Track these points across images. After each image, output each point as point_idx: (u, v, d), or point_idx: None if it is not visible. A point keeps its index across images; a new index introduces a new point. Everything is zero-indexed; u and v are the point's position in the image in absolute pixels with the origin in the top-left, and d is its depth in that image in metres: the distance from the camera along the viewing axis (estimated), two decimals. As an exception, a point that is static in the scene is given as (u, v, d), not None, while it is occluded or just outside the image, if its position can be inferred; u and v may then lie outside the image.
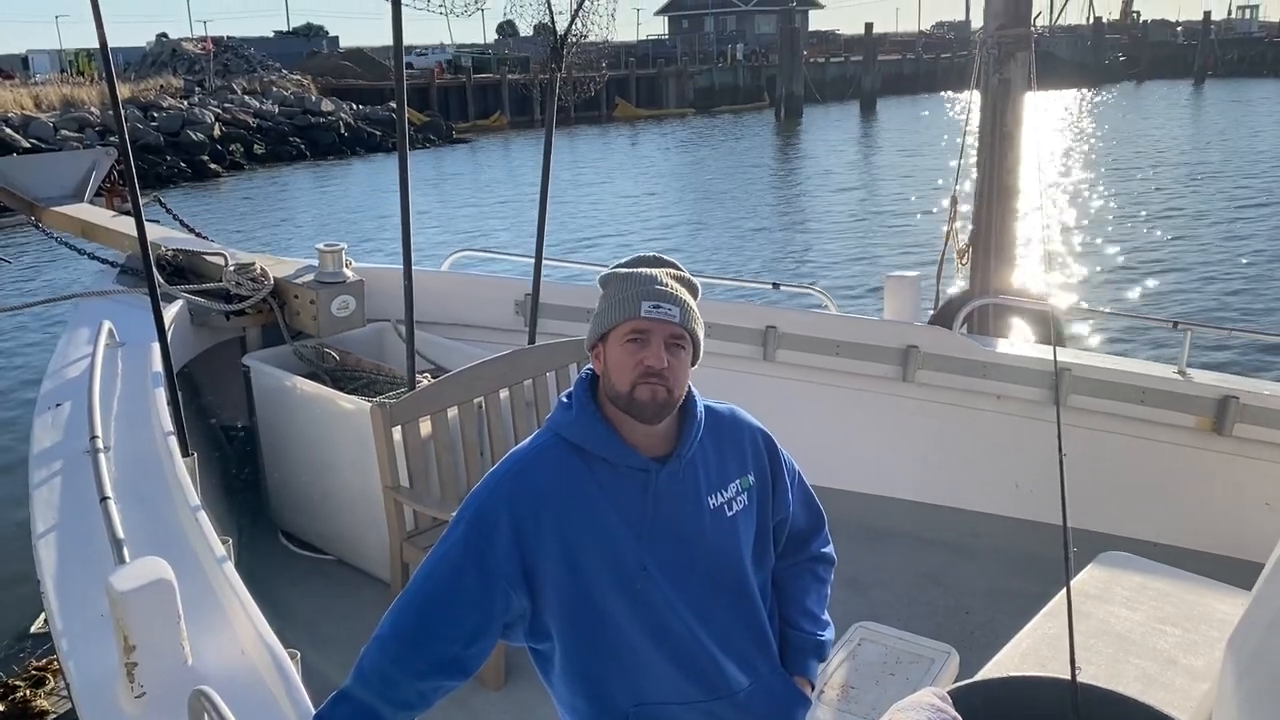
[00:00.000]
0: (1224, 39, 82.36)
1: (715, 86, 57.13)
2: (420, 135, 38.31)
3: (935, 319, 5.07)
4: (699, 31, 74.27)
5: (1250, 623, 2.23)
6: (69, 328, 4.12)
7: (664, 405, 1.79)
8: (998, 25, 5.07)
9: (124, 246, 5.35)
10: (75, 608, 2.21)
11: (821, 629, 2.07)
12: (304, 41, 61.30)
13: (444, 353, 4.94)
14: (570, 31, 4.22)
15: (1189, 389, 4.24)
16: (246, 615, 2.13)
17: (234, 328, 4.96)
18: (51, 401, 3.31)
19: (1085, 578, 3.26)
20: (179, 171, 29.85)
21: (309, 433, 4.46)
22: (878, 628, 3.18)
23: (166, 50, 45.53)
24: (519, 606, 1.82)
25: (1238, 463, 4.19)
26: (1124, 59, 78.80)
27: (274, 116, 36.60)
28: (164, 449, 2.95)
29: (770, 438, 2.02)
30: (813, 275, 15.61)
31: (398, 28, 3.72)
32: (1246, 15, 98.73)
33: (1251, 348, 10.51)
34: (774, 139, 41.88)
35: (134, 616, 1.85)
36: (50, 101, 32.36)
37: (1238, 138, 36.05)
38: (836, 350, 4.84)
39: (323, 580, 4.42)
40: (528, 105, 47.13)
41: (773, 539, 2.02)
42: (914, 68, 68.29)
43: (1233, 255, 16.70)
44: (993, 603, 4.15)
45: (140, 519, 2.54)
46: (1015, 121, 5.18)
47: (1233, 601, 3.01)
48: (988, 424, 4.66)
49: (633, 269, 1.87)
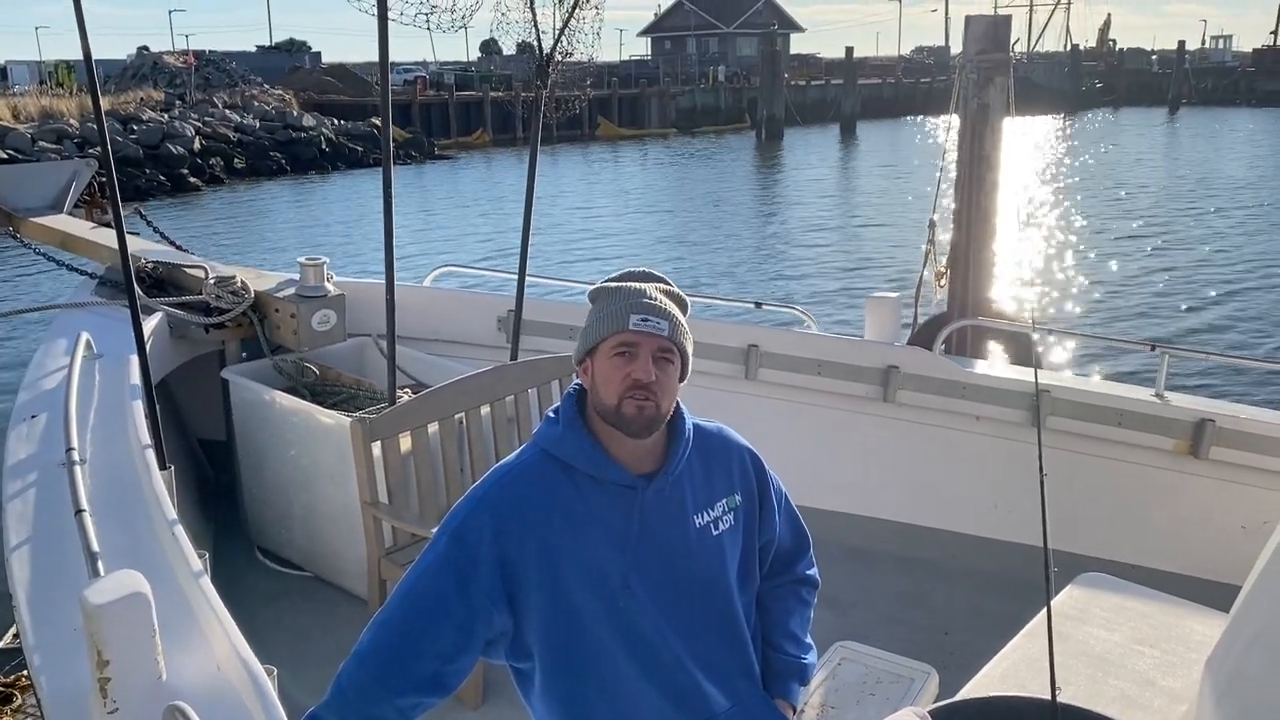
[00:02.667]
0: (1198, 68, 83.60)
1: (697, 107, 57.45)
2: (402, 151, 38.27)
3: (915, 339, 5.09)
4: (681, 53, 74.68)
5: (1228, 644, 2.25)
6: (46, 339, 4.08)
7: (651, 420, 1.78)
8: (977, 50, 5.14)
9: (103, 258, 5.30)
10: (47, 622, 2.18)
11: (804, 652, 2.07)
12: (286, 56, 61.17)
13: (425, 368, 4.91)
14: (556, 50, 4.23)
15: (1166, 412, 4.27)
16: (223, 631, 2.10)
17: (213, 341, 4.92)
18: (27, 413, 3.27)
19: (1064, 599, 3.27)
20: (158, 184, 29.69)
21: (288, 447, 4.42)
22: (858, 647, 3.18)
23: (147, 63, 45.31)
24: (501, 624, 1.81)
25: (1214, 486, 4.22)
26: (1100, 86, 79.89)
27: (255, 131, 36.49)
28: (141, 462, 2.91)
29: (758, 458, 2.02)
30: (794, 294, 15.68)
31: (384, 42, 3.73)
32: (1220, 45, 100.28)
33: (1228, 371, 10.63)
34: (755, 160, 42.13)
35: (108, 631, 1.82)
36: (29, 113, 32.13)
37: (1212, 164, 36.55)
38: (818, 370, 4.86)
39: (299, 597, 4.38)
40: (510, 123, 47.21)
41: (758, 560, 2.02)
42: (894, 91, 68.99)
43: (1209, 280, 16.91)
44: (972, 623, 4.15)
45: (116, 532, 2.51)
46: (993, 145, 5.24)
47: (1210, 623, 3.03)
48: (968, 444, 4.68)
49: (622, 283, 1.86)
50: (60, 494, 2.58)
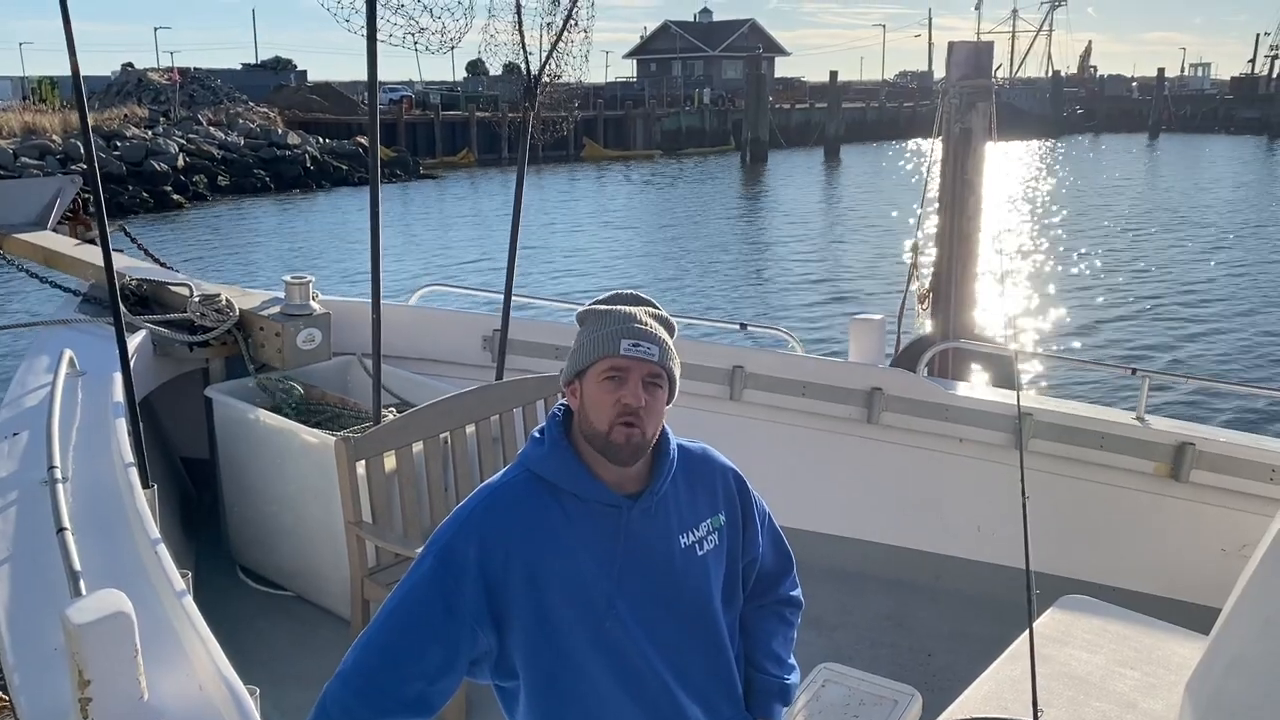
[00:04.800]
0: (1178, 95, 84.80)
1: (682, 129, 57.78)
2: (387, 170, 38.29)
3: (898, 361, 5.11)
4: (667, 75, 75.18)
5: (1208, 666, 2.27)
6: (29, 356, 4.05)
7: (639, 447, 1.79)
8: (960, 76, 5.18)
9: (87, 275, 5.28)
10: (28, 641, 2.16)
11: (787, 673, 2.07)
12: (272, 75, 61.14)
13: (410, 387, 4.91)
14: (544, 71, 4.26)
15: (1147, 435, 4.30)
16: (205, 650, 2.09)
17: (197, 359, 4.90)
18: (9, 430, 3.25)
19: (1046, 621, 3.28)
20: (141, 201, 29.64)
21: (271, 466, 4.40)
22: (841, 669, 3.18)
23: (132, 80, 45.24)
24: (486, 644, 1.80)
25: (1194, 508, 4.25)
26: (1082, 112, 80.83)
27: (239, 148, 36.47)
28: (124, 480, 2.90)
29: (741, 478, 2.03)
30: (778, 316, 15.75)
31: (372, 63, 3.74)
32: (1199, 73, 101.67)
33: (1207, 394, 10.72)
34: (740, 182, 42.37)
35: (90, 650, 1.81)
36: (11, 128, 32.03)
37: (1192, 190, 36.96)
38: (803, 391, 4.87)
39: (282, 616, 4.35)
40: (496, 143, 47.35)
41: (742, 580, 2.02)
42: (877, 115, 69.62)
43: (1189, 304, 17.07)
44: (956, 645, 4.16)
45: (98, 551, 2.49)
46: (976, 170, 5.27)
47: (1191, 645, 3.05)
48: (951, 467, 4.70)
49: (611, 306, 1.87)
50: (42, 512, 2.56)
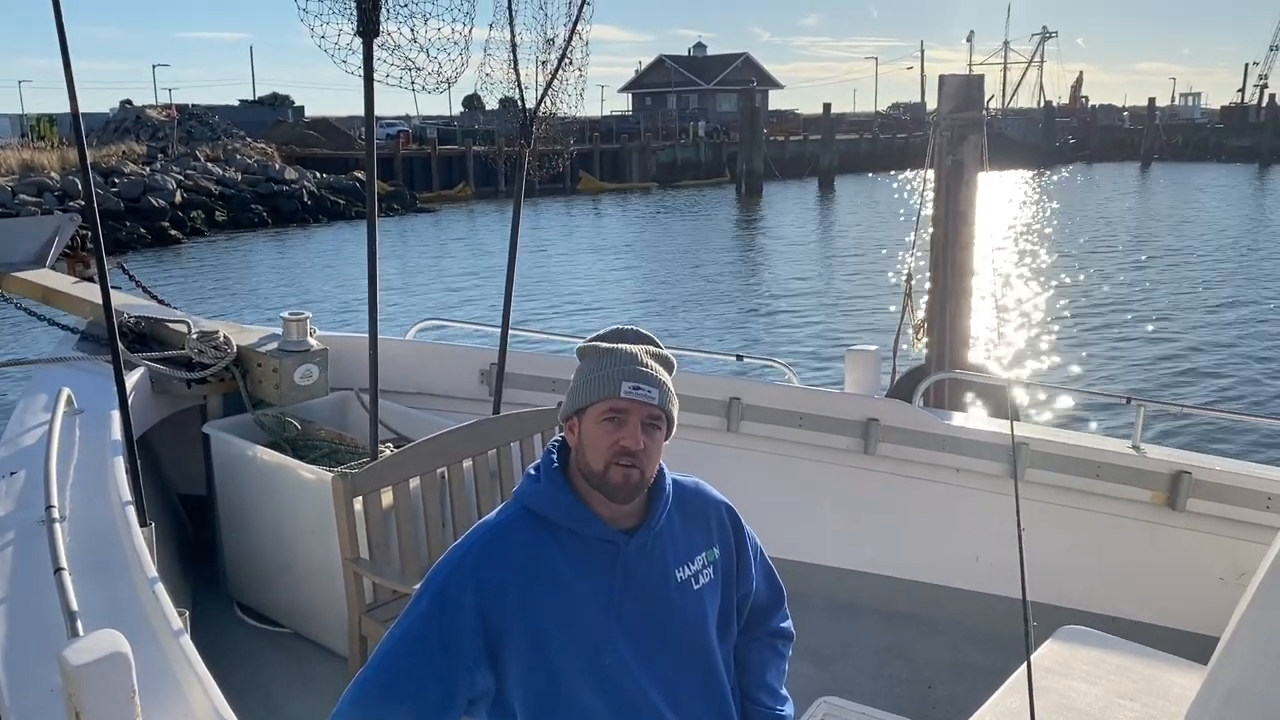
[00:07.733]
0: (1169, 124, 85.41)
1: (677, 162, 58.10)
2: (385, 204, 38.45)
3: (894, 392, 5.13)
4: (662, 108, 75.78)
5: (1207, 696, 2.26)
6: (27, 394, 4.05)
7: (636, 487, 1.80)
8: (951, 108, 5.24)
9: (85, 313, 5.29)
10: (24, 683, 2.15)
11: (781, 704, 2.08)
12: (269, 110, 61.61)
13: (408, 422, 4.91)
14: (540, 107, 4.30)
15: (1143, 464, 4.30)
16: (203, 690, 2.08)
17: (195, 395, 4.90)
18: (6, 469, 3.25)
19: (1045, 652, 3.27)
20: (139, 237, 29.72)
21: (269, 503, 4.39)
22: (841, 702, 3.17)
23: (130, 116, 45.50)
24: (484, 683, 1.80)
25: (1191, 537, 4.24)
26: (1074, 142, 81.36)
27: (236, 184, 36.62)
28: (121, 519, 2.89)
29: (734, 512, 2.04)
30: (773, 347, 15.77)
31: (369, 103, 3.78)
32: (1190, 102, 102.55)
33: (1203, 423, 10.73)
34: (735, 213, 42.57)
35: (87, 692, 1.81)
36: (9, 166, 32.15)
37: (1185, 218, 37.17)
38: (799, 422, 4.88)
39: (280, 654, 4.33)
40: (492, 176, 47.52)
41: (736, 613, 2.03)
42: (871, 147, 70.05)
43: (1184, 332, 17.12)
44: (955, 676, 4.15)
45: (95, 591, 2.49)
46: (968, 200, 5.32)
47: (1190, 675, 3.04)
48: (948, 497, 4.70)
49: (613, 344, 1.88)
50: (39, 552, 2.56)
